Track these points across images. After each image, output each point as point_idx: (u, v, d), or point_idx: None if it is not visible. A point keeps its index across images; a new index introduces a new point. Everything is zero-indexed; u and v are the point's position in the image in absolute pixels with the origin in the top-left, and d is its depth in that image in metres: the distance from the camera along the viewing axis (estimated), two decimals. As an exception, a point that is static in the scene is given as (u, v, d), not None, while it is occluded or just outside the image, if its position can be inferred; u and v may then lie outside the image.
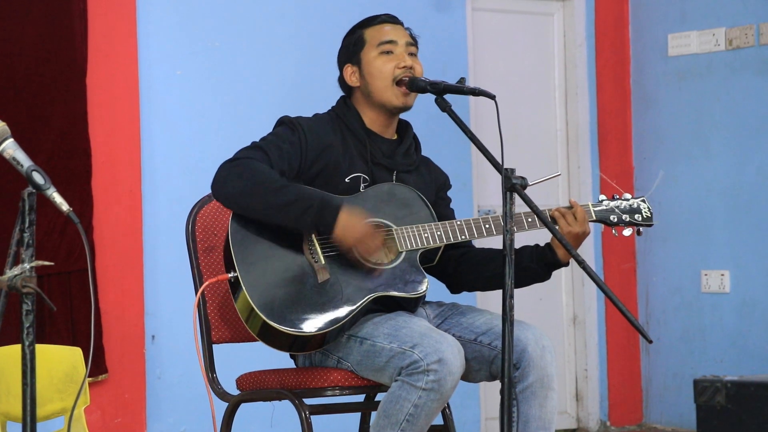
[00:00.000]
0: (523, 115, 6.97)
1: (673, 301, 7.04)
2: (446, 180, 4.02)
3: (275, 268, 3.65)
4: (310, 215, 3.59)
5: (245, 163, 3.64)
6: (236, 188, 3.62)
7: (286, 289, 3.63)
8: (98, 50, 5.56)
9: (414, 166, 3.90)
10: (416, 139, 3.95)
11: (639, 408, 7.22)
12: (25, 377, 2.83)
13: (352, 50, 3.88)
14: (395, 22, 3.92)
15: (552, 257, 3.77)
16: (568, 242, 3.40)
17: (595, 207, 3.87)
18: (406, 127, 3.94)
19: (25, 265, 2.82)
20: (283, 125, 3.79)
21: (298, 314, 3.60)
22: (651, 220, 3.90)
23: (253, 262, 3.64)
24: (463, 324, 3.77)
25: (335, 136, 3.80)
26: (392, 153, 3.85)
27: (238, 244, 3.65)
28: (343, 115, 3.84)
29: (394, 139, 3.89)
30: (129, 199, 5.65)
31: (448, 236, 3.75)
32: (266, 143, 3.71)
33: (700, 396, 5.68)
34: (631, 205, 3.89)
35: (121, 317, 5.58)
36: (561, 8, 7.14)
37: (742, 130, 6.76)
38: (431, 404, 3.53)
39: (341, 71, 3.90)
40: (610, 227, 3.89)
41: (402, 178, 3.85)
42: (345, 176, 3.76)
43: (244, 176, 3.61)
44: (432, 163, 4.01)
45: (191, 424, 5.72)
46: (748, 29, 6.71)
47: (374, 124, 3.85)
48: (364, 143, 3.81)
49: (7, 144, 2.93)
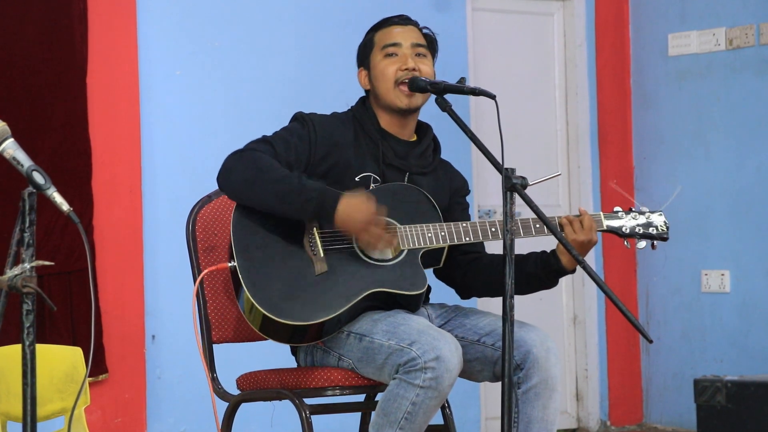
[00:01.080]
0: (523, 115, 6.97)
1: (673, 301, 7.04)
2: (464, 185, 4.01)
3: (274, 259, 3.66)
4: (312, 204, 3.59)
5: (250, 154, 3.66)
6: (240, 178, 3.64)
7: (283, 280, 3.64)
8: (98, 50, 5.56)
9: (430, 169, 3.89)
10: (436, 141, 3.95)
11: (639, 408, 7.22)
12: (26, 377, 2.83)
13: (363, 53, 3.91)
14: (406, 23, 3.93)
15: (557, 264, 3.76)
16: (568, 242, 3.40)
17: (608, 219, 3.86)
18: (426, 129, 3.94)
19: (25, 264, 2.82)
20: (295, 120, 3.82)
21: (294, 305, 3.61)
22: (666, 235, 3.88)
23: (252, 253, 3.65)
24: (467, 325, 3.77)
25: (348, 134, 3.80)
26: (406, 154, 3.85)
27: (239, 235, 3.66)
28: (360, 115, 3.86)
29: (411, 141, 3.89)
30: (129, 199, 5.65)
31: (452, 237, 3.75)
32: (274, 137, 3.74)
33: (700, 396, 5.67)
34: (647, 218, 3.88)
35: (121, 317, 5.58)
36: (561, 8, 7.14)
37: (742, 130, 6.76)
38: (429, 402, 3.53)
39: (359, 74, 3.92)
40: (622, 238, 3.87)
41: (414, 180, 3.84)
42: (355, 175, 3.77)
43: (247, 167, 3.63)
44: (451, 166, 4.00)
45: (191, 424, 5.72)
46: (749, 29, 6.71)
47: (390, 125, 3.86)
48: (376, 143, 3.82)
49: (7, 144, 2.93)
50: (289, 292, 3.63)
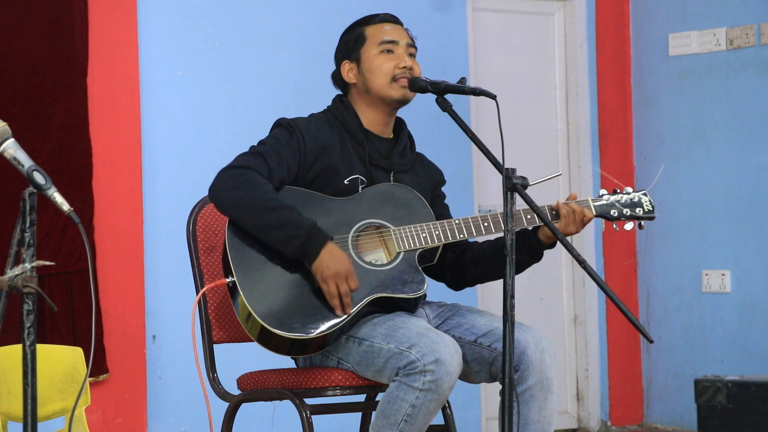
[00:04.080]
0: (524, 115, 6.97)
1: (673, 301, 7.04)
2: (441, 176, 4.02)
3: (273, 272, 3.64)
4: (295, 243, 3.59)
5: (243, 174, 3.63)
6: (231, 199, 3.62)
7: (283, 293, 3.63)
8: (98, 50, 5.56)
9: (410, 165, 3.90)
10: (410, 137, 3.95)
11: (640, 408, 7.22)
12: (26, 377, 2.83)
13: (351, 47, 3.88)
14: (396, 22, 3.92)
15: (538, 245, 3.77)
16: (569, 243, 3.39)
17: (596, 202, 3.87)
18: (401, 125, 3.94)
19: (26, 265, 2.82)
20: (281, 128, 3.78)
21: (296, 318, 3.60)
22: (653, 213, 3.88)
23: (250, 267, 3.63)
24: (464, 325, 3.77)
25: (333, 137, 3.79)
26: (389, 153, 3.85)
27: (235, 249, 3.65)
28: (341, 115, 3.84)
29: (390, 138, 3.90)
30: (129, 199, 5.65)
31: (447, 235, 3.75)
32: (265, 149, 3.70)
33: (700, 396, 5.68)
34: (632, 198, 3.88)
35: (121, 317, 5.58)
36: (561, 8, 7.14)
37: (743, 130, 6.76)
38: (429, 404, 3.53)
39: (338, 67, 3.90)
40: (611, 222, 3.88)
41: (399, 179, 3.85)
42: (344, 178, 3.76)
43: (239, 189, 3.61)
44: (426, 159, 4.01)
45: (192, 424, 5.72)
46: (749, 29, 6.71)
47: (372, 123, 3.85)
48: (362, 144, 3.81)
49: (7, 144, 2.93)
50: (291, 306, 3.61)
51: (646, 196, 3.90)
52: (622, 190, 3.90)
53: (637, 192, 3.89)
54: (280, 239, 3.59)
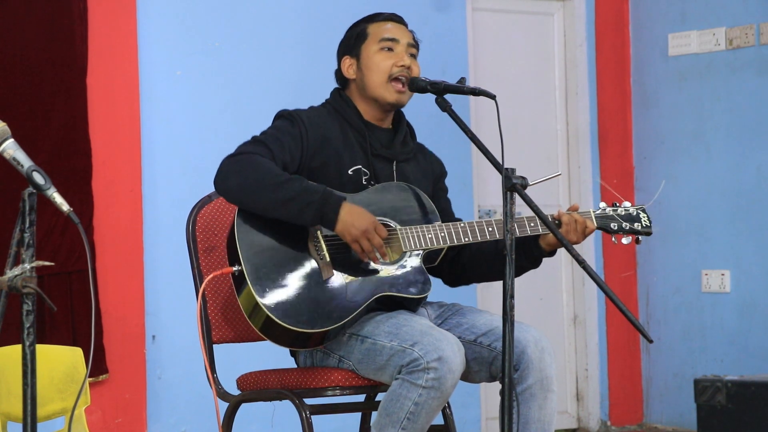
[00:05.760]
0: (524, 115, 6.97)
1: (673, 301, 7.04)
2: (443, 168, 4.03)
3: (280, 263, 3.65)
4: (312, 210, 3.59)
5: (247, 158, 3.64)
6: (238, 184, 3.62)
7: (290, 285, 3.63)
8: (98, 50, 5.56)
9: (411, 155, 3.91)
10: (410, 126, 3.97)
11: (639, 408, 7.22)
12: (26, 377, 2.83)
13: (353, 43, 3.90)
14: (400, 22, 3.93)
15: (538, 252, 3.79)
16: (569, 243, 3.40)
17: (597, 214, 3.88)
18: (399, 115, 3.95)
19: (25, 265, 2.82)
20: (282, 118, 3.80)
21: (301, 311, 3.60)
22: (650, 229, 3.92)
23: (258, 257, 3.64)
24: (464, 325, 3.77)
25: (335, 128, 3.81)
26: (390, 143, 3.87)
27: (244, 239, 3.65)
28: (340, 107, 3.86)
29: (390, 129, 3.91)
30: (129, 199, 5.65)
31: (452, 238, 3.75)
32: (267, 137, 3.72)
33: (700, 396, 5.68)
34: (630, 213, 3.90)
35: (121, 317, 5.58)
36: (561, 8, 7.14)
37: (742, 130, 6.76)
38: (432, 402, 3.53)
39: (339, 62, 3.91)
40: (610, 235, 3.90)
41: (401, 168, 3.86)
42: (347, 168, 3.77)
43: (245, 172, 3.62)
44: (427, 149, 4.02)
45: (192, 424, 5.72)
46: (749, 29, 6.71)
47: (371, 116, 3.87)
48: (363, 134, 3.82)
49: (7, 144, 2.93)
50: (297, 299, 3.62)
51: (644, 212, 3.93)
52: (620, 204, 3.92)
53: (636, 207, 3.92)
54: (295, 211, 3.59)
